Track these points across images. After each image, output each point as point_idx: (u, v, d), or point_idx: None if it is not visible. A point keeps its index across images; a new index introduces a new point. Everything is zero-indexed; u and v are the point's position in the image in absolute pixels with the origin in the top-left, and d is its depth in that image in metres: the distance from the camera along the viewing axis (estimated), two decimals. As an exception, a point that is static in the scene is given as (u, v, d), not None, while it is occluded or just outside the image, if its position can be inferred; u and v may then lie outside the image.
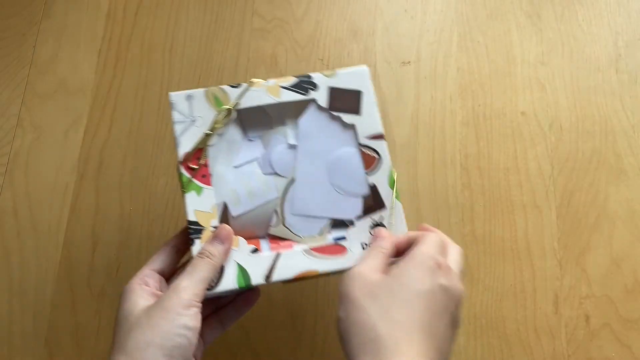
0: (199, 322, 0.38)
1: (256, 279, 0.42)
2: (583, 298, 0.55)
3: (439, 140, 0.61)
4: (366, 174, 0.45)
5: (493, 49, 0.64)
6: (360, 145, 0.46)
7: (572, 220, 0.58)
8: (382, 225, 0.44)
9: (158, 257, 0.44)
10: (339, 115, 0.46)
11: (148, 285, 0.41)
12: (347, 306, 0.35)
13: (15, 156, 0.62)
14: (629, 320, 0.55)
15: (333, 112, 0.46)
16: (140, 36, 0.66)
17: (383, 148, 0.46)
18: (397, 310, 0.33)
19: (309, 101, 0.47)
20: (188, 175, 0.44)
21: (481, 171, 0.60)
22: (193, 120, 0.45)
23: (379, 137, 0.46)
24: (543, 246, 0.57)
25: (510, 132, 0.61)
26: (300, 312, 0.56)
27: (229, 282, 0.42)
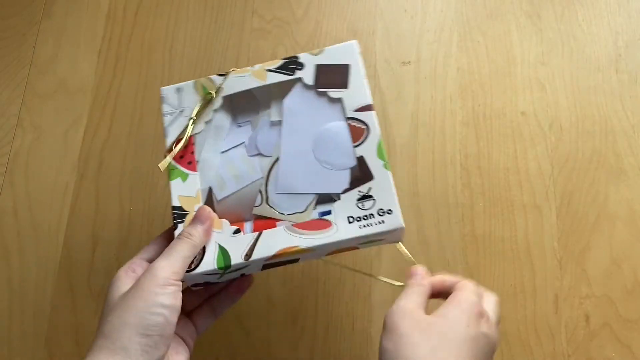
0: (178, 300, 0.38)
1: (236, 259, 0.41)
2: (583, 298, 0.55)
3: (439, 140, 0.61)
4: (354, 147, 0.44)
5: (493, 49, 0.64)
6: (348, 118, 0.44)
7: (572, 220, 0.58)
8: (371, 197, 0.42)
9: (150, 247, 0.44)
10: (325, 91, 0.45)
11: (135, 272, 0.41)
12: (397, 340, 0.36)
13: (15, 156, 0.62)
14: (629, 320, 0.55)
15: (319, 89, 0.46)
16: (140, 36, 0.66)
17: (372, 119, 0.44)
18: (445, 352, 0.35)
19: (295, 80, 0.46)
20: (174, 163, 0.44)
21: (481, 171, 0.60)
22: (181, 111, 0.46)
23: (368, 108, 0.44)
24: (543, 246, 0.57)
25: (510, 132, 0.61)
26: (300, 312, 0.56)
27: (209, 263, 0.41)
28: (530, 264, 0.56)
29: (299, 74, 0.46)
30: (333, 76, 0.46)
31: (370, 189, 0.42)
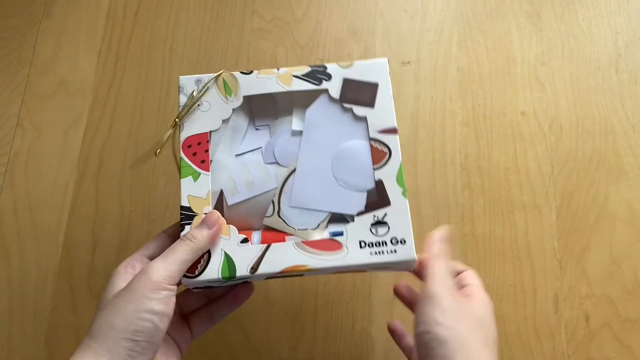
0: (170, 306, 0.37)
1: (241, 271, 0.39)
2: (583, 298, 0.55)
3: (439, 140, 0.61)
4: (374, 169, 0.43)
5: (493, 49, 0.64)
6: (371, 139, 0.43)
7: (572, 220, 0.58)
8: (385, 223, 0.42)
9: (151, 244, 0.43)
10: (350, 107, 0.44)
11: (134, 269, 0.40)
12: (456, 328, 0.38)
13: (15, 156, 0.62)
14: (629, 320, 0.54)
15: (345, 104, 0.45)
16: (140, 36, 0.66)
17: (395, 143, 0.43)
18: (492, 345, 0.39)
19: (321, 91, 0.45)
20: (187, 160, 0.43)
21: (481, 171, 0.60)
22: (199, 104, 0.44)
23: (392, 132, 0.43)
24: (543, 246, 0.57)
25: (510, 132, 0.61)
26: (301, 312, 0.56)
27: (213, 272, 0.40)
28: (530, 264, 0.56)
29: (325, 84, 0.45)
30: (360, 93, 0.44)
31: (385, 215, 0.41)
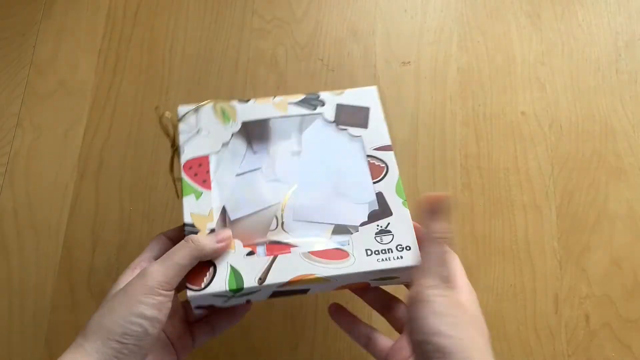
0: (163, 312, 0.36)
1: (249, 282, 0.40)
2: (583, 298, 0.55)
3: (439, 140, 0.61)
4: (373, 183, 0.45)
5: (493, 49, 0.64)
6: (368, 156, 0.46)
7: (572, 220, 0.58)
8: (389, 232, 0.43)
9: (155, 245, 0.43)
10: (345, 128, 0.47)
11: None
12: (461, 331, 0.35)
13: (15, 156, 0.62)
14: (629, 320, 0.55)
15: (340, 126, 0.47)
16: (140, 36, 0.66)
17: (391, 158, 0.46)
18: (488, 347, 0.36)
19: (315, 115, 0.48)
20: (188, 180, 0.44)
21: (481, 171, 0.60)
22: (198, 131, 0.46)
23: (387, 149, 0.46)
24: (543, 246, 0.57)
25: (510, 132, 0.61)
26: (301, 312, 0.56)
27: (220, 284, 0.40)
28: (530, 263, 0.56)
29: (320, 109, 0.48)
30: (353, 116, 0.48)
31: (389, 224, 0.43)
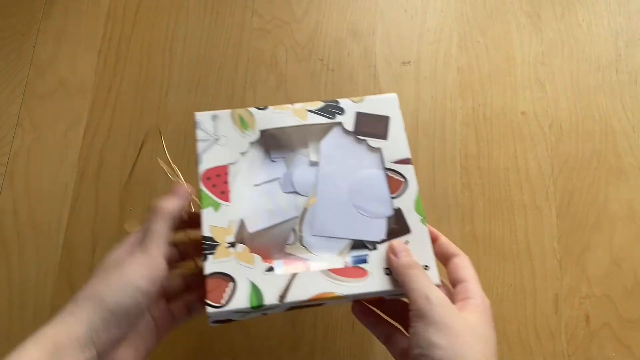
0: (155, 285, 0.38)
1: (269, 300, 0.40)
2: (583, 298, 0.55)
3: (439, 140, 0.61)
4: (391, 198, 0.44)
5: (493, 49, 0.64)
6: (386, 169, 0.45)
7: (572, 220, 0.58)
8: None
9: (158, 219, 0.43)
10: (364, 139, 0.47)
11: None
12: (452, 338, 0.36)
13: (15, 156, 0.62)
14: (629, 320, 0.55)
15: (359, 136, 0.47)
16: (140, 36, 0.66)
17: (411, 173, 0.45)
18: (490, 354, 0.37)
19: (335, 124, 0.47)
20: (207, 191, 0.44)
21: (481, 171, 0.60)
22: (216, 139, 0.46)
23: (406, 162, 0.45)
24: (543, 246, 0.57)
25: (510, 132, 0.61)
26: (301, 312, 0.56)
27: (241, 301, 0.39)
28: (530, 264, 0.56)
29: (339, 118, 0.47)
30: (373, 125, 0.47)
31: (407, 242, 0.42)
